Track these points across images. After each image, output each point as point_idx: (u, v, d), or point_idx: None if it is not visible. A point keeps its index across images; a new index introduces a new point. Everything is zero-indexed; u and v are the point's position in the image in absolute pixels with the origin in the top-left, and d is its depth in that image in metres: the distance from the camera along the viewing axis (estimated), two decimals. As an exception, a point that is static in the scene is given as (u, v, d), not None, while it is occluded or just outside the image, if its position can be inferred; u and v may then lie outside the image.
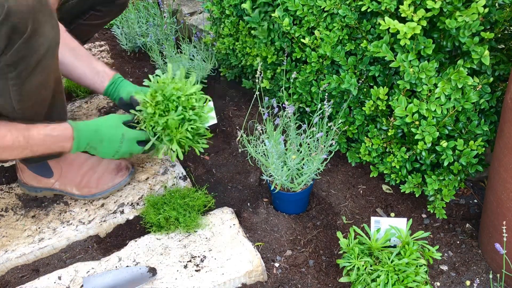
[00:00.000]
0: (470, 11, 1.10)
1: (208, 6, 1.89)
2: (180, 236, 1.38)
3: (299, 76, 1.56)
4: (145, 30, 2.39)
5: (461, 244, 1.41)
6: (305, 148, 1.41)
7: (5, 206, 1.51)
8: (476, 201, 1.53)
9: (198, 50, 2.17)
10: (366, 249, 1.23)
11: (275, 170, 1.38)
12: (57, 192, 1.52)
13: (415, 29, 1.14)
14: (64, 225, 1.43)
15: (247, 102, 1.99)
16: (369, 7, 1.27)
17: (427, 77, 1.21)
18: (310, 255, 1.38)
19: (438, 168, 1.41)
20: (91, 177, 1.51)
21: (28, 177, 1.50)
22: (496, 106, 1.31)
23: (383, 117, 1.42)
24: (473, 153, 1.26)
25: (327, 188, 1.61)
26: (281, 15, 1.50)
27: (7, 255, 1.34)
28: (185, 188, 1.51)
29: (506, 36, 1.28)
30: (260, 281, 1.30)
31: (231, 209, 1.48)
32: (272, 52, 1.64)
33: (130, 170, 1.57)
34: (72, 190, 1.51)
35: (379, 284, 1.13)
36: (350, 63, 1.41)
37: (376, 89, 1.35)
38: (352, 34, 1.42)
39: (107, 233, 1.45)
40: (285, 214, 1.50)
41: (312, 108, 1.62)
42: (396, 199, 1.56)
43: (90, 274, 1.27)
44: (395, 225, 1.25)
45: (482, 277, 1.31)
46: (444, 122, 1.27)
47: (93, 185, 1.51)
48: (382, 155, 1.48)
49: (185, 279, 1.25)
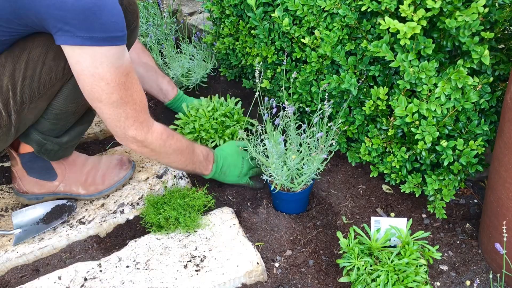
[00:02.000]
0: (470, 11, 1.10)
1: (208, 6, 1.89)
2: (180, 236, 1.38)
3: (299, 76, 1.56)
4: (145, 30, 2.39)
5: (461, 244, 1.41)
6: (305, 148, 1.41)
7: (5, 206, 1.51)
8: (476, 201, 1.53)
9: (198, 50, 2.17)
10: (366, 249, 1.23)
11: (275, 170, 1.38)
12: (61, 196, 1.50)
13: (415, 29, 1.14)
14: (64, 225, 1.43)
15: (247, 102, 1.99)
16: (369, 7, 1.27)
17: (427, 77, 1.21)
18: (310, 255, 1.38)
19: (438, 168, 1.41)
20: (95, 175, 1.51)
21: (29, 184, 1.47)
22: (496, 106, 1.31)
23: (383, 117, 1.42)
24: (473, 153, 1.26)
25: (327, 188, 1.61)
26: (281, 15, 1.50)
27: (7, 255, 1.34)
28: (185, 188, 1.51)
29: (506, 36, 1.27)
30: (260, 281, 1.30)
31: (231, 209, 1.48)
32: (272, 52, 1.64)
33: (132, 163, 1.59)
34: (78, 190, 1.50)
35: (379, 284, 1.13)
36: (350, 63, 1.41)
37: (376, 89, 1.35)
38: (352, 34, 1.42)
39: (107, 233, 1.45)
40: (285, 214, 1.50)
41: (312, 108, 1.62)
42: (396, 199, 1.56)
43: (90, 274, 1.28)
44: (395, 225, 1.25)
45: (482, 277, 1.31)
46: (444, 122, 1.27)
47: (99, 182, 1.51)
48: (382, 155, 1.48)
49: (185, 279, 1.25)
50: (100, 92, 1.11)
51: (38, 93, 1.19)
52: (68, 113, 1.31)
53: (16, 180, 1.47)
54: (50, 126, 1.32)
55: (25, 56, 1.14)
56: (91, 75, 1.07)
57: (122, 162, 1.56)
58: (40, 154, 1.38)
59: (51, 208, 1.44)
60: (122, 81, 1.12)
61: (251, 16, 1.61)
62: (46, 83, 1.19)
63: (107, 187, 1.51)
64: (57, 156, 1.42)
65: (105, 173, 1.52)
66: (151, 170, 1.63)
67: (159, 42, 2.34)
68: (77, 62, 1.07)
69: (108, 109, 1.15)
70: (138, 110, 1.20)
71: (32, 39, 1.14)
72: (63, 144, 1.38)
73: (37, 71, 1.16)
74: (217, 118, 1.67)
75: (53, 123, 1.31)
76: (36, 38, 1.14)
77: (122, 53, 1.10)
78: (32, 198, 1.48)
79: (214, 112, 1.69)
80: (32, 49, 1.14)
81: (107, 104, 1.13)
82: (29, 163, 1.43)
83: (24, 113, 1.21)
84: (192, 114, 1.70)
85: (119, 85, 1.12)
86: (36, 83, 1.17)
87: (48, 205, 1.44)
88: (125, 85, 1.13)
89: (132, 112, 1.18)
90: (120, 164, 1.56)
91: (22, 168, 1.44)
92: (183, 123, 1.71)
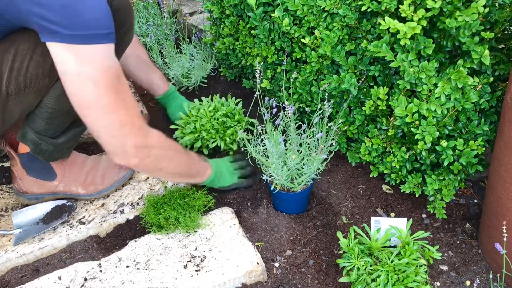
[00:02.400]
0: (470, 11, 1.10)
1: (208, 6, 1.89)
2: (180, 236, 1.38)
3: (299, 76, 1.56)
4: (145, 30, 2.39)
5: (461, 244, 1.41)
6: (305, 148, 1.41)
7: (5, 206, 1.51)
8: (476, 201, 1.53)
9: (198, 50, 2.17)
10: (366, 249, 1.23)
11: (275, 170, 1.38)
12: (60, 196, 1.50)
13: (415, 29, 1.14)
14: (64, 225, 1.43)
15: (247, 102, 1.98)
16: (369, 7, 1.27)
17: (427, 77, 1.21)
18: (310, 255, 1.38)
19: (438, 168, 1.41)
20: (95, 175, 1.51)
21: (29, 184, 1.47)
22: (496, 106, 1.31)
23: (383, 117, 1.42)
24: (473, 153, 1.26)
25: (327, 188, 1.61)
26: (281, 15, 1.50)
27: (7, 255, 1.34)
28: (185, 188, 1.51)
29: (506, 36, 1.28)
30: (260, 281, 1.30)
31: (231, 209, 1.48)
32: (272, 52, 1.64)
33: None
34: (77, 190, 1.50)
35: (379, 284, 1.13)
36: (350, 63, 1.41)
37: (376, 89, 1.35)
38: (352, 34, 1.42)
39: (107, 233, 1.45)
40: (285, 214, 1.50)
41: (312, 108, 1.62)
42: (396, 199, 1.56)
43: (90, 274, 1.28)
44: (395, 225, 1.25)
45: (482, 277, 1.31)
46: (444, 122, 1.27)
47: (98, 181, 1.51)
48: (382, 155, 1.48)
49: (185, 279, 1.25)
50: (89, 94, 1.04)
51: (24, 87, 1.17)
52: (61, 113, 1.29)
53: (16, 180, 1.47)
54: (45, 126, 1.31)
55: (14, 49, 1.13)
56: (77, 75, 1.02)
57: None
58: (36, 154, 1.38)
59: (51, 208, 1.44)
60: (113, 84, 1.05)
61: (251, 16, 1.61)
62: (33, 78, 1.17)
63: (106, 187, 1.51)
64: (53, 157, 1.41)
65: (104, 172, 1.52)
66: (151, 170, 1.63)
67: (159, 42, 2.34)
68: (61, 62, 1.03)
69: (99, 116, 1.08)
70: (132, 116, 1.12)
71: (22, 33, 1.13)
72: (59, 145, 1.37)
73: (24, 64, 1.14)
74: (218, 118, 1.67)
75: (47, 123, 1.30)
76: (26, 33, 1.12)
77: (110, 53, 1.04)
78: (32, 198, 1.48)
79: (215, 112, 1.69)
80: (21, 43, 1.13)
81: (97, 109, 1.06)
82: (28, 162, 1.43)
83: (11, 105, 1.19)
84: (193, 114, 1.70)
85: (110, 88, 1.05)
86: (22, 76, 1.15)
87: (48, 205, 1.44)
88: (116, 88, 1.06)
89: (127, 118, 1.11)
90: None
91: (22, 168, 1.45)
92: (184, 123, 1.71)
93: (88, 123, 1.10)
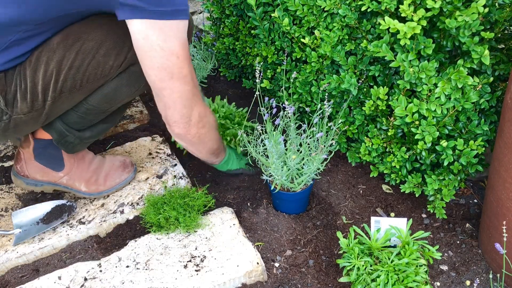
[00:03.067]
0: (470, 11, 1.10)
1: (208, 6, 1.89)
2: (180, 236, 1.38)
3: (299, 76, 1.56)
4: (145, 30, 2.39)
5: (461, 244, 1.41)
6: (305, 148, 1.41)
7: (5, 206, 1.51)
8: (476, 201, 1.53)
9: (198, 50, 2.17)
10: (366, 249, 1.23)
11: (275, 170, 1.38)
12: (60, 188, 1.49)
13: (415, 29, 1.14)
14: (64, 225, 1.43)
15: (247, 102, 1.98)
16: (369, 7, 1.27)
17: (427, 77, 1.21)
18: (310, 255, 1.38)
19: (438, 168, 1.41)
20: (99, 175, 1.51)
21: (33, 169, 1.45)
22: (496, 106, 1.31)
23: (383, 117, 1.42)
24: (473, 153, 1.26)
25: (327, 188, 1.61)
26: (281, 15, 1.50)
27: (7, 255, 1.34)
28: (185, 188, 1.51)
29: (506, 36, 1.28)
30: (260, 281, 1.30)
31: (231, 209, 1.48)
32: (272, 51, 1.64)
33: (134, 166, 1.59)
34: (80, 187, 1.49)
35: (379, 284, 1.13)
36: (350, 63, 1.41)
37: (376, 89, 1.35)
38: (352, 34, 1.42)
39: (107, 233, 1.45)
40: (285, 214, 1.50)
41: (312, 108, 1.62)
42: (396, 199, 1.56)
43: (90, 274, 1.28)
44: (395, 225, 1.25)
45: (482, 277, 1.31)
46: (444, 122, 1.27)
47: (101, 182, 1.51)
48: (382, 155, 1.48)
49: (185, 279, 1.25)
50: (172, 67, 1.09)
51: (80, 86, 1.18)
52: (99, 111, 1.31)
53: (20, 162, 1.45)
54: (77, 119, 1.31)
55: (77, 46, 1.14)
56: (161, 49, 1.06)
57: (125, 165, 1.56)
58: (59, 145, 1.37)
59: (51, 208, 1.44)
60: (189, 57, 1.12)
61: (251, 16, 1.61)
62: (90, 78, 1.18)
63: (108, 188, 1.51)
64: (75, 149, 1.41)
65: (107, 173, 1.52)
66: (151, 170, 1.63)
67: (159, 42, 2.33)
68: (145, 37, 1.05)
69: (179, 87, 1.13)
70: (197, 86, 1.20)
71: (88, 31, 1.14)
72: (84, 139, 1.38)
73: (85, 63, 1.15)
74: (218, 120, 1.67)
75: (80, 117, 1.31)
76: (92, 32, 1.14)
77: (186, 28, 1.09)
78: (31, 183, 1.47)
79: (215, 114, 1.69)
80: (86, 41, 1.14)
81: (177, 79, 1.12)
82: (41, 149, 1.42)
83: (60, 102, 1.20)
84: None
85: (187, 59, 1.12)
86: (80, 74, 1.16)
87: (48, 205, 1.44)
88: (189, 59, 1.13)
89: (195, 88, 1.18)
90: (123, 166, 1.55)
91: (31, 152, 1.42)
92: None
93: (165, 96, 1.15)
